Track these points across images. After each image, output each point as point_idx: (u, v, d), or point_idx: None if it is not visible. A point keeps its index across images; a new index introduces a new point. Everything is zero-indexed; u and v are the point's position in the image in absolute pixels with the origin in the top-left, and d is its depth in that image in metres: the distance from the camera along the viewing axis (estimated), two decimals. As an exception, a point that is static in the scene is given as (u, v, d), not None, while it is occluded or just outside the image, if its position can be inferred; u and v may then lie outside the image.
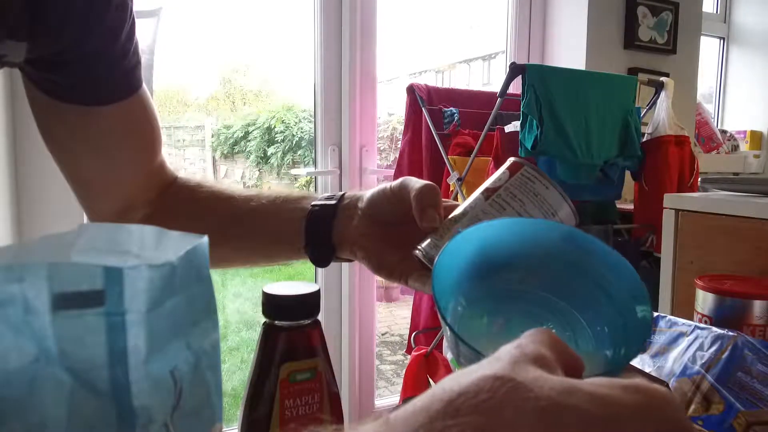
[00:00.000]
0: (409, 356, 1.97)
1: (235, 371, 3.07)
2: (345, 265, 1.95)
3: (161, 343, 0.25)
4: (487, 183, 0.48)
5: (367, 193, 0.56)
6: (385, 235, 0.54)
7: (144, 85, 0.60)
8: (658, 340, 0.66)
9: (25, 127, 1.41)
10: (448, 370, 1.86)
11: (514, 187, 0.46)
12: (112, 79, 0.56)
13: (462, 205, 0.48)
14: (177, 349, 0.26)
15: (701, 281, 0.73)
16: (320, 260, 0.57)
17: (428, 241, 0.47)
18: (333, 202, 0.57)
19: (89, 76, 0.54)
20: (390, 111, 3.74)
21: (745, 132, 2.90)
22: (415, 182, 0.51)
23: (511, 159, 0.48)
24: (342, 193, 0.58)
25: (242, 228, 0.61)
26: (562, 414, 0.20)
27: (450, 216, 0.48)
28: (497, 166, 1.78)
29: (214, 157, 4.98)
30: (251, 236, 0.61)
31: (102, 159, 0.60)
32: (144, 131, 0.62)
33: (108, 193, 0.63)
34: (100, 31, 0.52)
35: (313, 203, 0.58)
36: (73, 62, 0.52)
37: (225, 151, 4.88)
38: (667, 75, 2.31)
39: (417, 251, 0.47)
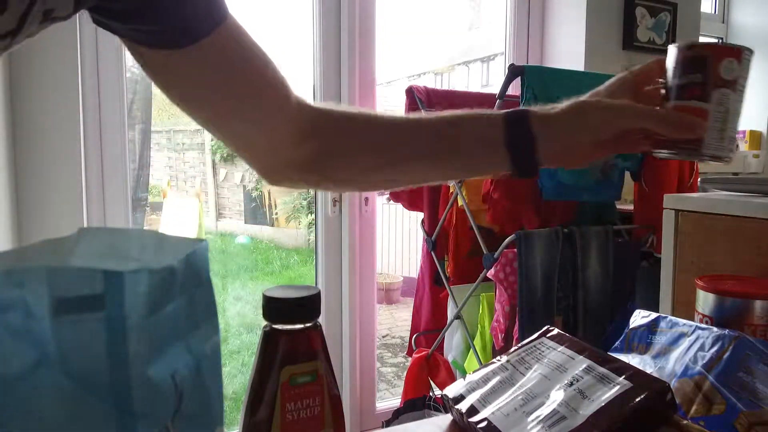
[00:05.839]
0: (410, 358, 1.96)
1: (236, 375, 3.06)
2: (345, 267, 1.95)
3: (162, 346, 0.25)
4: (720, 76, 0.53)
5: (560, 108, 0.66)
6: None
7: (231, 15, 0.56)
8: (660, 340, 0.66)
9: (26, 128, 1.41)
10: (450, 372, 1.86)
11: (747, 73, 0.52)
12: (192, 7, 0.52)
13: (718, 106, 0.54)
14: (178, 353, 0.26)
15: (701, 281, 0.73)
16: (521, 150, 0.61)
17: (706, 141, 0.53)
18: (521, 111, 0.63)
19: (170, 13, 0.51)
20: (389, 113, 3.74)
21: (744, 132, 2.90)
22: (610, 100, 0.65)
23: (730, 44, 0.56)
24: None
25: (445, 141, 0.62)
26: None
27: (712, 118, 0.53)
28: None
29: (213, 161, 4.98)
30: (455, 147, 0.63)
31: (225, 99, 0.57)
32: (250, 60, 0.59)
33: (254, 139, 0.61)
34: None
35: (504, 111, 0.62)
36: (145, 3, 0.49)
37: (225, 154, 4.88)
38: (666, 75, 2.31)
39: (705, 153, 0.53)
